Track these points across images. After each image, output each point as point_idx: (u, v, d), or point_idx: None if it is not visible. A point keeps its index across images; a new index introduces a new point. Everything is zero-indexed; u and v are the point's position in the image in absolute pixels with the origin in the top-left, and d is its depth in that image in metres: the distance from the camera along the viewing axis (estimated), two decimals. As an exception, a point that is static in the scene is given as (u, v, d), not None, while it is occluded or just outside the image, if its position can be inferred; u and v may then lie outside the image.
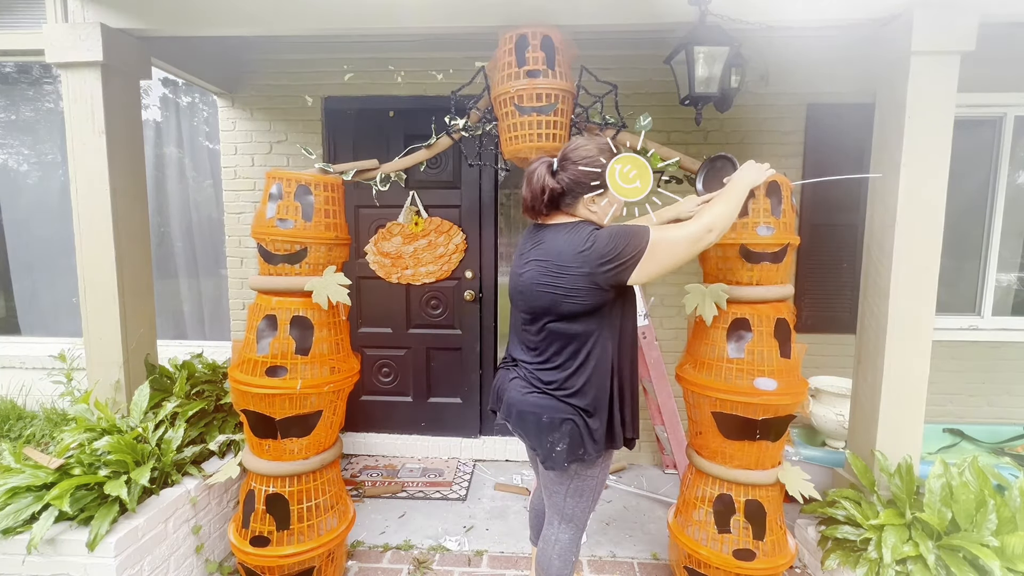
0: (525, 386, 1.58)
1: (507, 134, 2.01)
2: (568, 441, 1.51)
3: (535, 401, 1.55)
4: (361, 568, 2.28)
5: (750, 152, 3.07)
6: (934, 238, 1.99)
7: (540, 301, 1.51)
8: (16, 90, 3.50)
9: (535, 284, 1.52)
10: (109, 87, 2.17)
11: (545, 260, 1.50)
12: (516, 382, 1.61)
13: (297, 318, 1.88)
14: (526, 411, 1.56)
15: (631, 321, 1.60)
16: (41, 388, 3.31)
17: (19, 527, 1.67)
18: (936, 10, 1.88)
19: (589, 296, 1.46)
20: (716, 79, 2.05)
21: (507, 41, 1.97)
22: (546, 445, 1.52)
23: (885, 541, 1.81)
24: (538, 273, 1.51)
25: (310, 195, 1.90)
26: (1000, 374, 3.22)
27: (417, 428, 3.43)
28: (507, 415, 1.63)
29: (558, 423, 1.51)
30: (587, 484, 1.61)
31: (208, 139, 3.51)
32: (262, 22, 2.16)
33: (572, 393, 1.52)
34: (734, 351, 1.85)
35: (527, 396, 1.56)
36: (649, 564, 2.34)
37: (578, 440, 1.51)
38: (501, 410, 1.67)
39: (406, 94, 3.17)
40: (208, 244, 3.60)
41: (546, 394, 1.54)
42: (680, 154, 2.01)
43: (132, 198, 2.33)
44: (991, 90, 2.97)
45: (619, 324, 1.55)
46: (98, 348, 2.26)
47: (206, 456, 2.22)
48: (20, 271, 3.65)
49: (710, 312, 1.85)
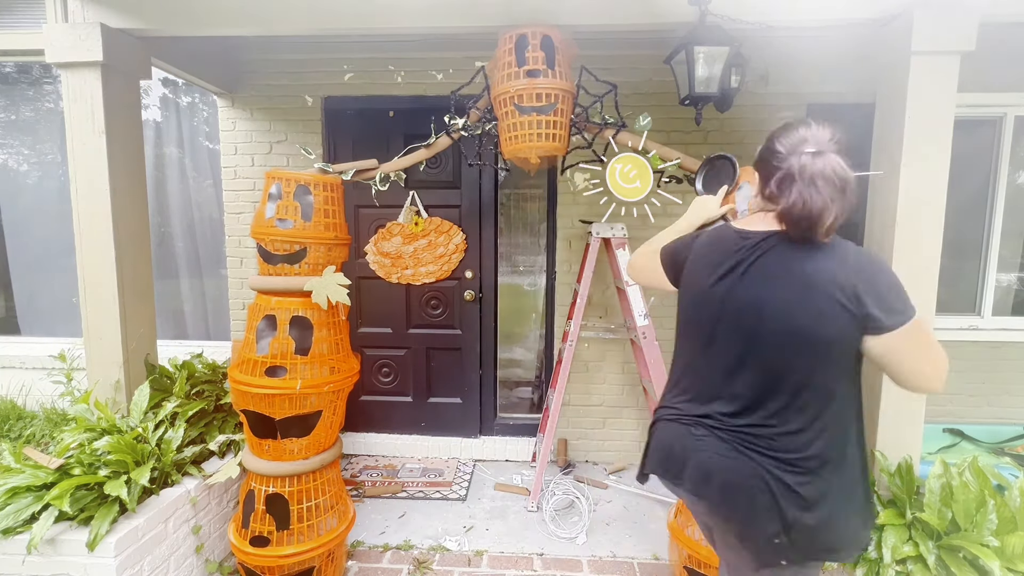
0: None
1: (507, 134, 2.01)
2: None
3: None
4: (361, 568, 2.28)
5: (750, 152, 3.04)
6: (934, 238, 1.99)
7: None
8: (16, 90, 3.50)
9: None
10: (109, 87, 2.17)
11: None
12: (731, 460, 1.18)
13: (297, 318, 1.88)
14: (735, 487, 1.19)
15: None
16: (41, 388, 3.31)
17: (19, 527, 1.67)
18: (936, 10, 1.88)
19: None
20: (716, 79, 2.05)
21: (507, 41, 1.97)
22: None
23: (885, 541, 1.81)
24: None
25: (309, 195, 1.90)
26: (1000, 374, 3.21)
27: (417, 428, 3.43)
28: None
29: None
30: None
31: (208, 139, 3.51)
32: (262, 22, 2.16)
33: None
34: (734, 351, 1.84)
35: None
36: (649, 564, 2.33)
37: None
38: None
39: (406, 94, 3.17)
40: (208, 244, 3.60)
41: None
42: (680, 154, 2.01)
43: (132, 198, 2.33)
44: (991, 90, 2.96)
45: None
46: (98, 348, 2.26)
47: (206, 456, 2.22)
48: (20, 271, 3.65)
49: (710, 312, 1.85)
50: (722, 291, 1.19)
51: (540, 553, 2.39)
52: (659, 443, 1.33)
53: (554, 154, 2.04)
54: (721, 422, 1.20)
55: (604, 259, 3.07)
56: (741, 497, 1.15)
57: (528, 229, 3.71)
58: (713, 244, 1.28)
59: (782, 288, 1.13)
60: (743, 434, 1.17)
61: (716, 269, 1.22)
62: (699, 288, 1.25)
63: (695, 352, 1.28)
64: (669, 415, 1.32)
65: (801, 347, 1.11)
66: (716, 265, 1.22)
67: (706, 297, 1.23)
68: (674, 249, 1.39)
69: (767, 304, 1.13)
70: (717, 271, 1.21)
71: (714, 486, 1.18)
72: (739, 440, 1.17)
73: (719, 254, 1.23)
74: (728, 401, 1.19)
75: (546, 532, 2.55)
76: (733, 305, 1.18)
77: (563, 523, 2.60)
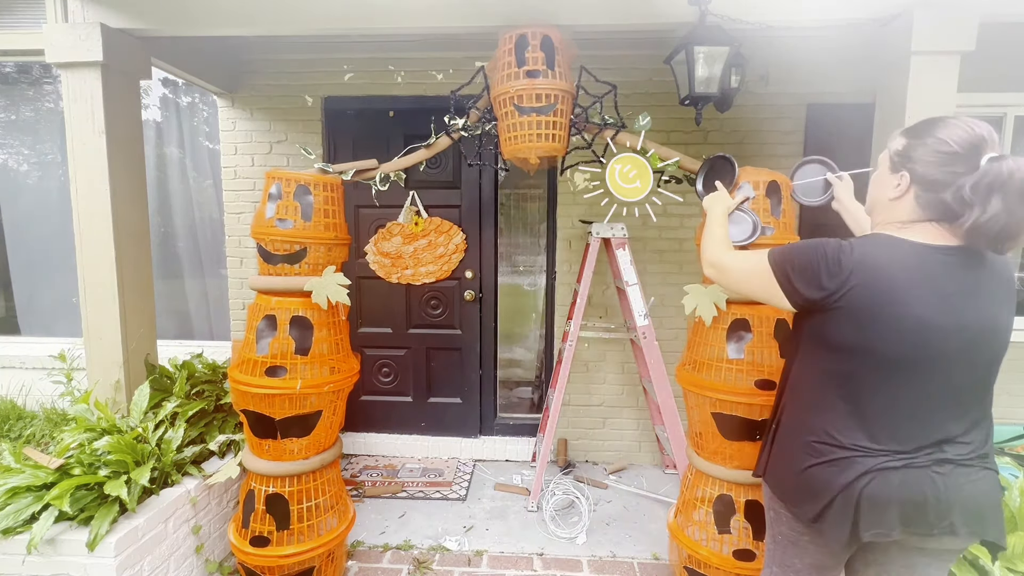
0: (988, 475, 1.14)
1: (506, 134, 2.01)
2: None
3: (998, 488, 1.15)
4: (361, 568, 2.28)
5: (750, 152, 3.07)
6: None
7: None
8: (16, 90, 3.50)
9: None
10: (109, 87, 2.17)
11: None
12: (982, 481, 1.11)
13: (297, 318, 1.88)
14: (997, 507, 1.13)
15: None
16: (41, 388, 3.31)
17: (19, 527, 1.67)
18: (936, 10, 1.88)
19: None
20: (716, 79, 2.05)
21: (507, 41, 1.97)
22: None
23: (885, 541, 1.81)
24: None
25: (309, 195, 1.90)
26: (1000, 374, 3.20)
27: (417, 428, 3.43)
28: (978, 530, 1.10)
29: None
30: None
31: (208, 139, 3.51)
32: (262, 22, 2.16)
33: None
34: (734, 352, 1.85)
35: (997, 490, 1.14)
36: (649, 564, 2.34)
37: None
38: (948, 525, 1.08)
39: (406, 94, 3.17)
40: (208, 244, 3.60)
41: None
42: (680, 154, 2.01)
43: (132, 198, 2.33)
44: (991, 90, 2.96)
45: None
46: (98, 348, 2.26)
47: (206, 456, 2.22)
48: (20, 271, 3.65)
49: (709, 313, 1.85)
50: (956, 319, 1.06)
51: (540, 553, 2.39)
52: (897, 495, 1.09)
53: (554, 154, 2.04)
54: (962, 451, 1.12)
55: (604, 259, 3.07)
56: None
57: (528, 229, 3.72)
58: (905, 262, 1.09)
59: (994, 303, 1.09)
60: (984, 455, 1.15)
61: (933, 294, 1.06)
62: (919, 317, 1.06)
63: (910, 387, 1.10)
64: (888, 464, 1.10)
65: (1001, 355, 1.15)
66: (932, 289, 1.06)
67: (935, 326, 1.06)
68: (809, 263, 1.15)
69: (999, 322, 1.10)
70: (935, 296, 1.06)
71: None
72: (983, 463, 1.14)
73: (925, 275, 1.07)
74: (963, 431, 1.13)
75: (546, 532, 2.55)
76: (972, 331, 1.07)
77: (563, 523, 2.60)
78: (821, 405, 1.18)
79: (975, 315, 1.07)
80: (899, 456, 1.10)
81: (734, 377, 1.82)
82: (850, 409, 1.14)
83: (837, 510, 1.12)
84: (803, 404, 1.23)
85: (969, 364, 1.10)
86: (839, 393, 1.15)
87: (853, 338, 1.11)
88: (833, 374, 1.16)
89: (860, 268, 1.09)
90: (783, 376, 1.35)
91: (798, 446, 1.21)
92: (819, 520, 1.15)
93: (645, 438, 3.29)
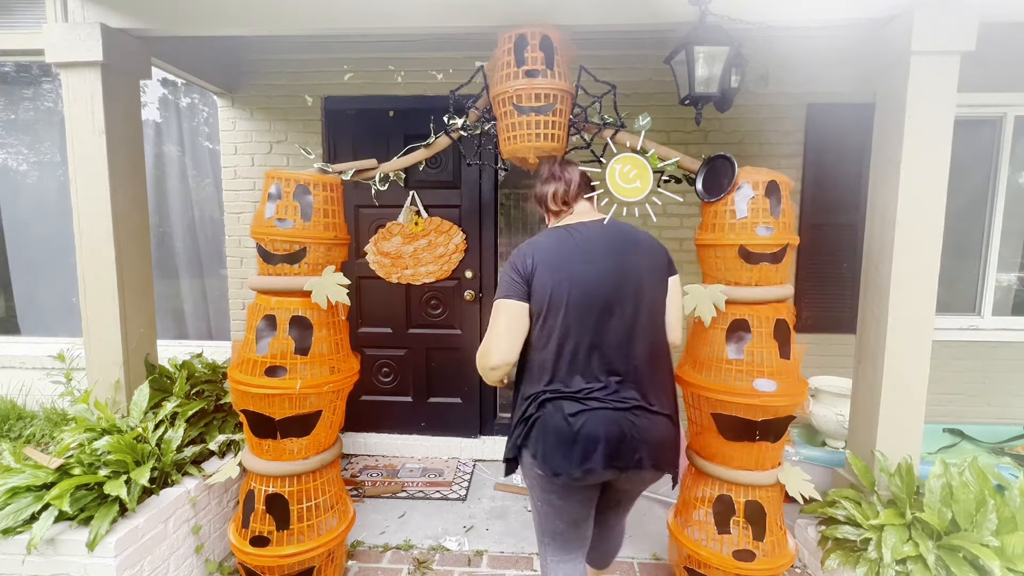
0: (660, 416, 1.44)
1: (505, 134, 2.01)
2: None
3: (674, 426, 1.47)
4: (361, 568, 2.28)
5: (750, 152, 3.07)
6: (934, 237, 1.99)
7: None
8: (16, 90, 3.50)
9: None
10: (109, 87, 2.17)
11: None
12: (650, 417, 1.42)
13: (296, 318, 1.88)
14: (674, 442, 1.45)
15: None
16: (41, 388, 3.31)
17: (19, 527, 1.67)
18: (936, 10, 1.88)
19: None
20: (716, 79, 2.04)
21: (506, 41, 1.97)
22: (676, 466, 1.50)
23: (885, 541, 1.81)
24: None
25: (309, 195, 1.90)
26: (1000, 374, 3.21)
27: (417, 428, 3.43)
28: (651, 459, 1.41)
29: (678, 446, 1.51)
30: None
31: (208, 139, 3.51)
32: (262, 22, 2.16)
33: (676, 409, 1.51)
34: (733, 352, 1.85)
35: (669, 425, 1.46)
36: (649, 564, 2.33)
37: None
38: (627, 457, 1.39)
39: (406, 94, 3.17)
40: (208, 244, 3.60)
41: (674, 416, 1.49)
42: (680, 154, 2.01)
43: (132, 198, 2.33)
44: (991, 90, 2.96)
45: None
46: (98, 348, 2.26)
47: (206, 456, 2.22)
48: (20, 271, 3.65)
49: (708, 313, 1.85)
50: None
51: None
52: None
53: (552, 154, 2.03)
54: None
55: (604, 259, 3.07)
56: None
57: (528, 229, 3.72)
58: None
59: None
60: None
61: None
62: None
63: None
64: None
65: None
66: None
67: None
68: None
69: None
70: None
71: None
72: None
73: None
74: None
75: (546, 532, 2.55)
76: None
77: (563, 523, 2.59)
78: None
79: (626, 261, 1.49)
80: (581, 397, 1.40)
81: (734, 377, 1.82)
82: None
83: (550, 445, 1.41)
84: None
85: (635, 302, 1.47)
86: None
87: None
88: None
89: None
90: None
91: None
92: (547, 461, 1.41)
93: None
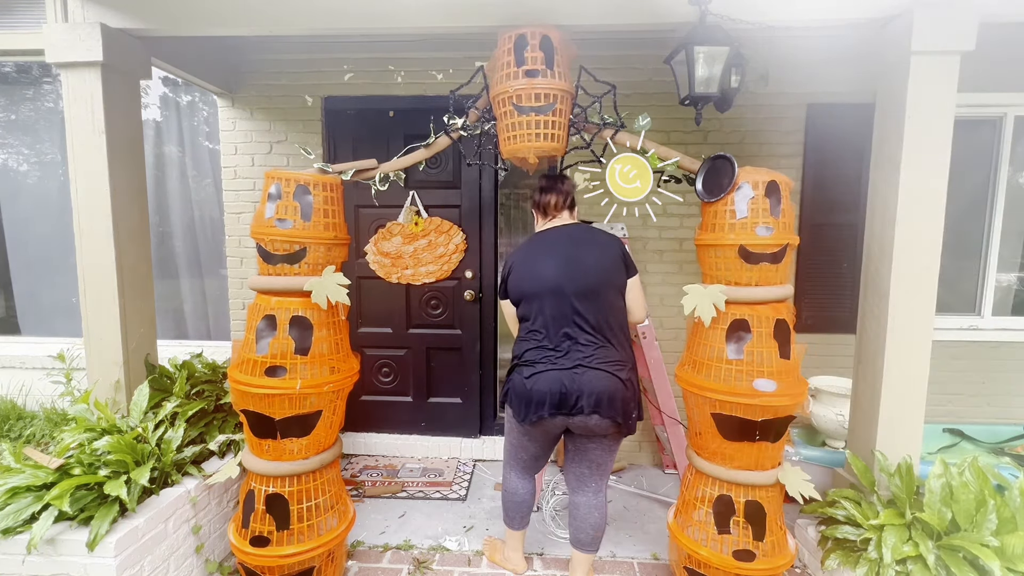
0: (600, 371, 1.79)
1: (505, 134, 2.01)
2: (639, 409, 1.88)
3: (618, 380, 1.81)
4: (361, 568, 2.28)
5: (750, 152, 3.07)
6: (934, 238, 1.99)
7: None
8: (16, 90, 3.50)
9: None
10: (109, 87, 2.17)
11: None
12: (589, 373, 1.79)
13: (296, 318, 1.88)
14: (616, 394, 1.79)
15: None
16: (41, 388, 3.31)
17: (19, 527, 1.67)
18: (936, 10, 1.88)
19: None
20: (716, 79, 2.04)
21: (506, 41, 1.97)
22: (631, 417, 1.84)
23: (885, 541, 1.81)
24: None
25: (309, 195, 1.90)
26: (1000, 374, 3.21)
27: (417, 428, 3.43)
28: (590, 405, 1.78)
29: (639, 396, 1.88)
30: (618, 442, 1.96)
31: (208, 139, 3.51)
32: (262, 22, 2.16)
33: (632, 368, 1.87)
34: (733, 352, 1.85)
35: (611, 379, 1.80)
36: (649, 564, 2.34)
37: (639, 405, 1.88)
38: (570, 405, 1.79)
39: (406, 94, 3.17)
40: (208, 244, 3.60)
41: (619, 374, 1.82)
42: (680, 154, 2.01)
43: (132, 198, 2.33)
44: (991, 90, 2.96)
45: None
46: (98, 348, 2.26)
47: (206, 456, 2.22)
48: (20, 271, 3.65)
49: (708, 313, 1.85)
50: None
51: (540, 553, 2.39)
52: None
53: (552, 154, 2.04)
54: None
55: (604, 259, 3.07)
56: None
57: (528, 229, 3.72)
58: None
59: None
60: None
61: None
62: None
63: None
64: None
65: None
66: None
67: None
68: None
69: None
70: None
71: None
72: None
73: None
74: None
75: (546, 532, 2.55)
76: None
77: (563, 523, 2.60)
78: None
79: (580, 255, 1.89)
80: (546, 359, 1.84)
81: (734, 378, 1.82)
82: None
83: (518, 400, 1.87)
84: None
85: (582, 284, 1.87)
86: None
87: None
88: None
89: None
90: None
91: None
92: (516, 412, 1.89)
93: (645, 438, 3.29)
